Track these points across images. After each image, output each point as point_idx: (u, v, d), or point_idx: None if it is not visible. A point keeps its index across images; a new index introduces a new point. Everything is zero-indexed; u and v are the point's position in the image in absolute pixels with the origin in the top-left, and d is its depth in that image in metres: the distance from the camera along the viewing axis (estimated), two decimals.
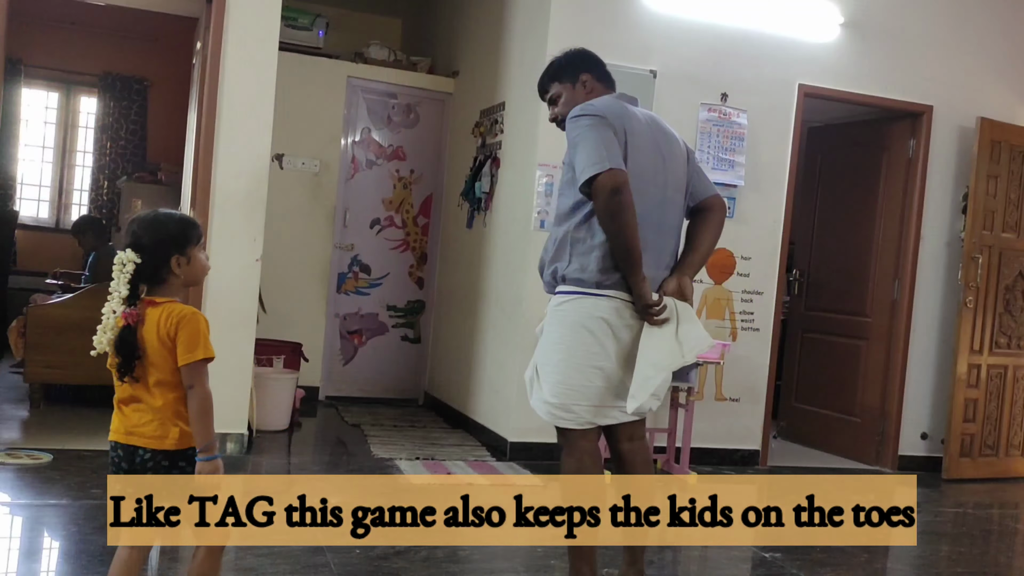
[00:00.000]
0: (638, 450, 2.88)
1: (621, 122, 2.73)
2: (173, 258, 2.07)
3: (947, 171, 5.59)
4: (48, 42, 7.72)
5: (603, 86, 2.95)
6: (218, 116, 4.39)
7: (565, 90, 2.97)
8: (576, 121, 2.73)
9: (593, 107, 2.75)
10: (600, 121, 2.69)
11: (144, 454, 2.06)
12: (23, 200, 7.91)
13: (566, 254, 2.77)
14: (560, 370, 2.74)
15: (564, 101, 2.96)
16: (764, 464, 5.34)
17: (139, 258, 2.03)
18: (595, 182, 2.61)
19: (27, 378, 5.08)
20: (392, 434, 5.26)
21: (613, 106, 2.78)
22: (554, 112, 3.00)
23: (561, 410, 2.76)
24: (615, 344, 2.72)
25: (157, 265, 2.05)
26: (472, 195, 5.65)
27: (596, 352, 2.72)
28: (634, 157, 2.71)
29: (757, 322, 5.29)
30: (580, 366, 2.72)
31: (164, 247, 2.06)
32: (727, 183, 5.13)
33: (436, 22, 6.84)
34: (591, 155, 2.63)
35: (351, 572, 2.97)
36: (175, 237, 2.08)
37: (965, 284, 5.38)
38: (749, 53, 5.17)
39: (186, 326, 2.03)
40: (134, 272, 2.02)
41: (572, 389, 2.73)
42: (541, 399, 2.80)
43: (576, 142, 2.69)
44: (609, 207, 2.60)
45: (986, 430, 5.51)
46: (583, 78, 2.95)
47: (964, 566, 3.79)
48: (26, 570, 2.85)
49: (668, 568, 3.47)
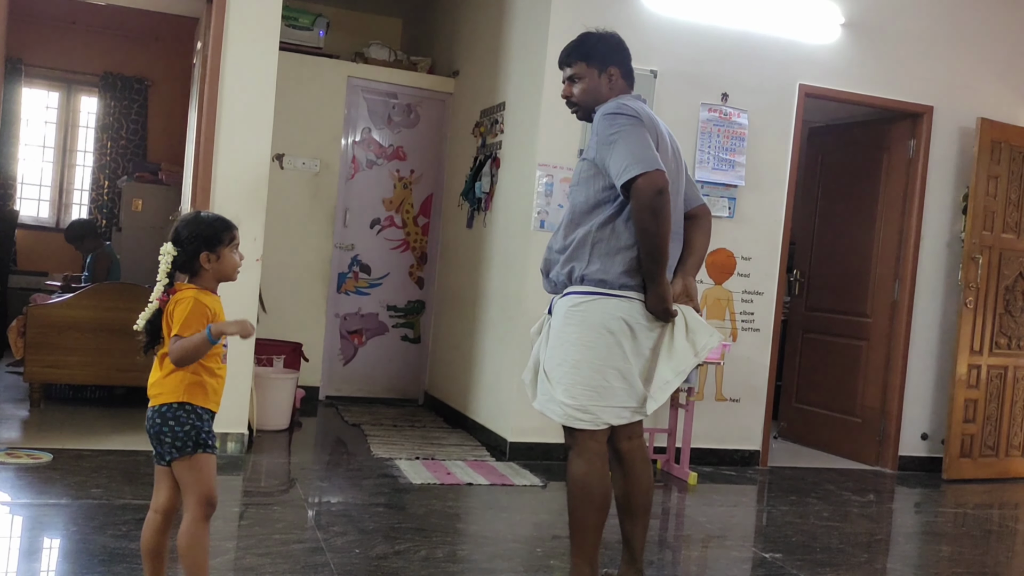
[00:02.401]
0: (637, 448, 2.89)
1: (653, 128, 2.75)
2: (203, 254, 2.32)
3: (947, 171, 5.58)
4: (49, 42, 7.72)
5: (625, 83, 2.92)
6: (219, 116, 4.39)
7: (589, 75, 2.87)
8: (613, 119, 2.70)
9: (631, 108, 2.73)
10: (639, 123, 2.69)
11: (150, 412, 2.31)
12: (23, 200, 7.91)
13: (585, 254, 2.74)
14: (579, 371, 2.72)
15: (584, 88, 2.88)
16: (764, 464, 5.34)
17: (175, 250, 2.30)
18: (639, 181, 2.59)
19: (27, 377, 5.07)
20: (392, 434, 5.26)
21: (645, 110, 2.78)
22: (569, 91, 2.91)
23: (579, 411, 2.73)
24: (633, 345, 2.73)
25: (190, 258, 2.31)
26: (472, 195, 5.65)
27: (616, 353, 2.72)
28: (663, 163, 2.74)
29: (757, 322, 5.28)
30: (600, 367, 2.72)
31: (196, 243, 2.31)
32: (727, 183, 5.13)
33: (436, 22, 6.84)
34: (635, 154, 2.61)
35: (350, 572, 2.97)
36: (207, 236, 2.33)
37: (965, 284, 5.38)
38: (750, 53, 5.17)
39: (176, 308, 2.27)
40: (171, 262, 2.30)
41: (591, 390, 2.72)
42: (553, 400, 2.77)
43: (614, 140, 2.66)
44: (653, 206, 2.59)
45: (986, 430, 5.51)
46: (611, 71, 2.88)
47: (964, 567, 3.79)
48: (26, 569, 2.84)
49: (668, 568, 3.47)
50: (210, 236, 2.34)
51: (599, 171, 2.74)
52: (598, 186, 2.73)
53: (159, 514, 2.34)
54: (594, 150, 2.75)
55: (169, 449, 2.28)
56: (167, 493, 2.33)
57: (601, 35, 2.94)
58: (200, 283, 2.34)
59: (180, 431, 2.27)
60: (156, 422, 2.28)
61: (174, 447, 2.27)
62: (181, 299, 2.28)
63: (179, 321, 2.25)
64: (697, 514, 4.29)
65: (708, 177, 5.08)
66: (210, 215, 2.41)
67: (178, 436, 2.27)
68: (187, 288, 2.32)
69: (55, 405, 5.22)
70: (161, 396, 2.29)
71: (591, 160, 2.76)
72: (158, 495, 2.35)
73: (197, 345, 2.23)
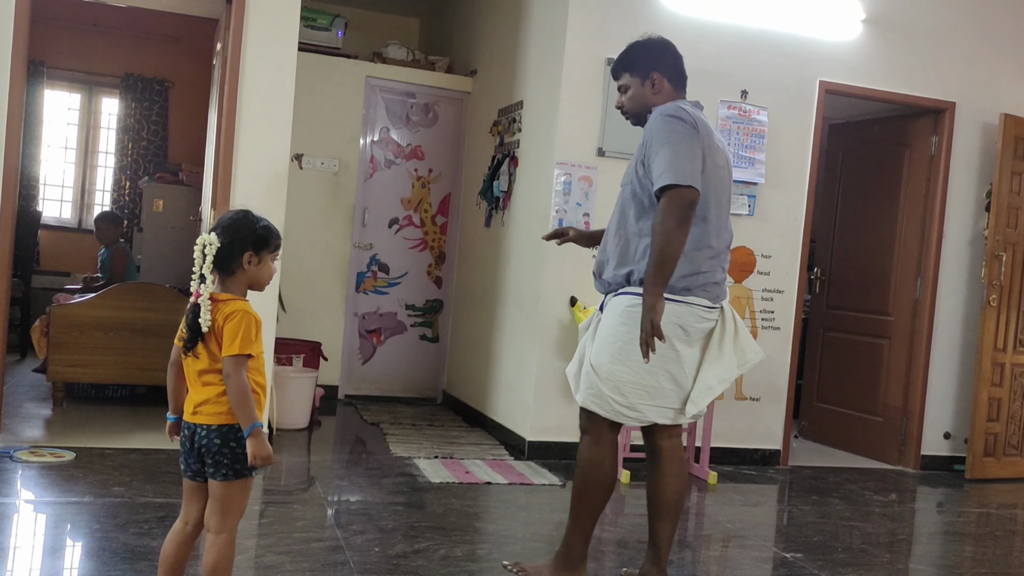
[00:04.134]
0: (675, 448, 2.93)
1: (707, 138, 2.78)
2: (248, 253, 2.20)
3: (970, 168, 5.53)
4: (70, 44, 7.78)
5: (673, 88, 2.95)
6: (238, 116, 4.41)
7: (634, 84, 2.95)
8: (669, 122, 2.73)
9: (688, 114, 2.76)
10: (694, 133, 2.72)
11: (201, 430, 2.19)
12: (46, 201, 7.98)
13: (646, 255, 2.74)
14: (634, 370, 2.76)
15: (631, 96, 2.95)
16: (785, 464, 5.31)
17: (220, 242, 2.15)
18: (674, 190, 2.62)
19: (50, 377, 5.12)
20: (411, 433, 5.27)
21: (701, 118, 2.80)
22: (621, 101, 3.00)
23: (628, 408, 2.79)
24: (687, 349, 2.79)
25: (231, 256, 2.18)
26: (490, 194, 5.65)
27: (670, 356, 2.77)
28: (714, 172, 2.78)
29: (778, 321, 5.25)
30: (653, 369, 2.76)
31: (243, 241, 2.19)
32: (748, 181, 5.10)
33: (454, 21, 6.84)
34: (681, 163, 2.64)
35: (370, 570, 2.97)
36: (257, 236, 2.22)
37: (988, 282, 5.32)
38: (769, 50, 5.14)
39: (232, 320, 2.14)
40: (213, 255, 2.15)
41: (643, 389, 2.78)
42: (601, 395, 2.81)
43: (665, 143, 2.69)
44: (680, 217, 2.63)
45: (1010, 429, 5.45)
46: (653, 76, 2.92)
47: (988, 567, 3.75)
48: (49, 567, 2.87)
49: (688, 568, 3.45)
50: (259, 237, 2.22)
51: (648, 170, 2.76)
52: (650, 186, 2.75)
53: (191, 527, 2.26)
54: (644, 149, 2.77)
55: (224, 470, 2.18)
56: (200, 509, 2.25)
57: (644, 43, 2.98)
58: (230, 287, 2.22)
59: (241, 452, 2.16)
60: (215, 442, 2.17)
61: (232, 469, 2.18)
62: (232, 314, 2.15)
63: (238, 339, 2.12)
64: (717, 513, 4.27)
65: None
66: (256, 215, 2.27)
67: (238, 458, 2.17)
68: (230, 299, 2.19)
69: (78, 404, 5.27)
70: (221, 416, 2.17)
71: (642, 161, 2.78)
72: (190, 509, 2.26)
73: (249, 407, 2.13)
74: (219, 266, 2.19)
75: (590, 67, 4.86)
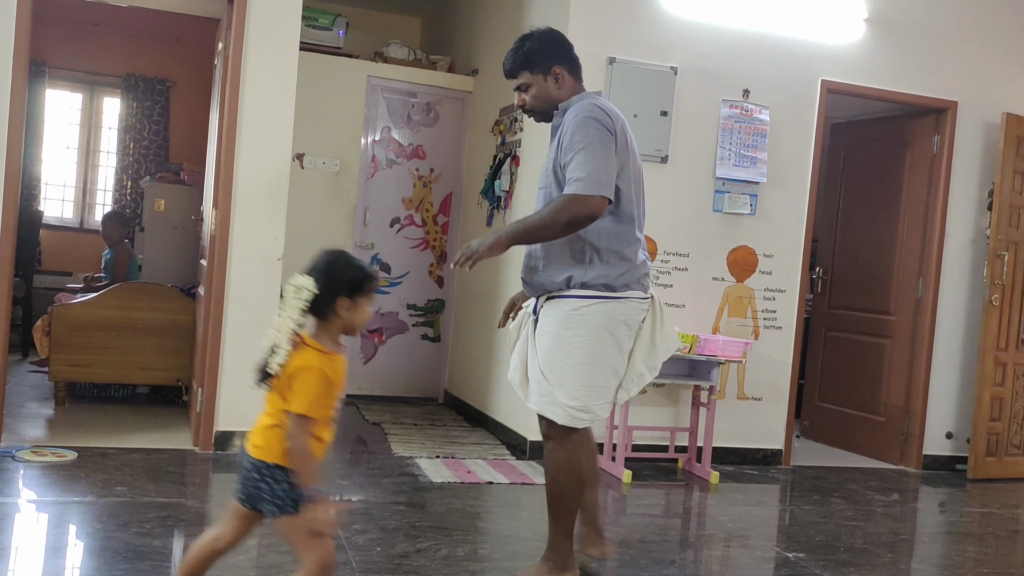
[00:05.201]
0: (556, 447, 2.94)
1: (623, 134, 2.79)
2: (343, 299, 2.10)
3: (972, 167, 5.52)
4: (71, 44, 7.78)
5: (574, 79, 2.93)
6: (239, 116, 4.41)
7: (536, 81, 2.89)
8: (586, 124, 2.72)
9: (605, 114, 2.75)
10: (610, 138, 2.72)
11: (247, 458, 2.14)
12: (47, 200, 7.99)
13: (584, 258, 2.78)
14: (584, 373, 2.78)
15: (535, 94, 2.90)
16: (787, 463, 5.30)
17: (316, 289, 2.07)
18: (583, 197, 2.65)
19: (52, 376, 5.13)
20: (412, 432, 5.27)
21: (615, 113, 2.81)
22: (522, 100, 2.93)
23: (582, 412, 2.81)
24: (629, 344, 2.86)
25: (326, 302, 2.09)
26: (492, 193, 5.65)
27: (615, 354, 2.82)
28: (632, 162, 2.82)
29: (780, 320, 5.25)
30: (602, 369, 2.80)
31: (339, 286, 2.10)
32: (749, 180, 5.09)
33: (455, 21, 6.84)
34: (597, 172, 2.66)
35: (372, 570, 2.97)
36: (353, 280, 2.13)
37: (991, 282, 5.32)
38: (771, 49, 5.13)
39: (300, 375, 2.05)
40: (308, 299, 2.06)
41: (594, 390, 2.81)
42: (555, 401, 2.81)
43: (582, 147, 2.69)
44: (574, 223, 2.68)
45: (1012, 429, 5.44)
46: (556, 71, 2.88)
47: (990, 567, 3.74)
48: (51, 567, 2.87)
49: (690, 568, 3.45)
50: (355, 281, 2.12)
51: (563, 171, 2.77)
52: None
53: (220, 543, 2.19)
54: (560, 150, 2.77)
55: (268, 507, 2.10)
56: (235, 532, 2.18)
57: (537, 37, 2.93)
58: (324, 332, 2.12)
59: (279, 490, 2.08)
60: (253, 476, 2.10)
61: (274, 505, 2.09)
62: (305, 368, 2.05)
63: (305, 398, 2.03)
64: (719, 513, 4.27)
65: (729, 174, 5.05)
66: (354, 258, 2.20)
67: (277, 495, 2.08)
68: (310, 350, 2.08)
69: (79, 404, 5.27)
70: (261, 451, 2.10)
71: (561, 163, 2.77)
72: (227, 527, 2.19)
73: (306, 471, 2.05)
74: (313, 312, 2.10)
75: (591, 67, 4.81)
